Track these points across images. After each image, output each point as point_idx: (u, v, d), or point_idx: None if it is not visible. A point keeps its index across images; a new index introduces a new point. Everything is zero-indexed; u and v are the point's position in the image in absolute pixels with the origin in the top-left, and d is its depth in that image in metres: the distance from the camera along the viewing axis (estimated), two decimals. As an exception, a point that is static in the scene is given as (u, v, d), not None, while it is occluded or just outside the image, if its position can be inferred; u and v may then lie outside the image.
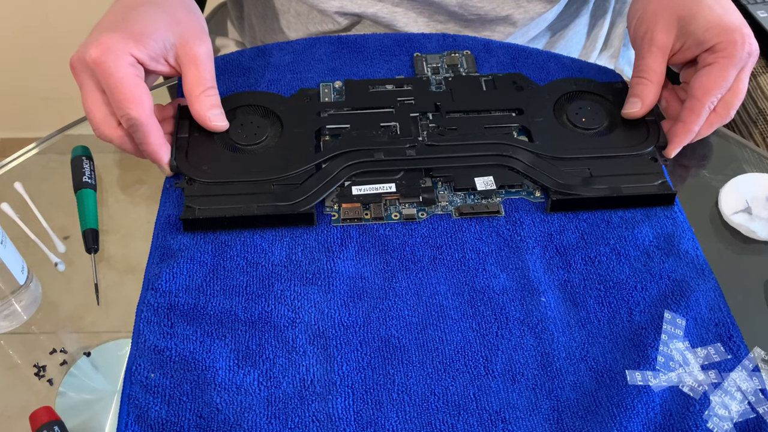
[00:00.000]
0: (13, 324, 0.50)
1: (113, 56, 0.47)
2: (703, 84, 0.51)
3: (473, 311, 0.47)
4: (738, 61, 0.50)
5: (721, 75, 0.50)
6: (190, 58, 0.51)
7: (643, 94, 0.53)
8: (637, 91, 0.54)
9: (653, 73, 0.53)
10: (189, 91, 0.51)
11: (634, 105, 0.54)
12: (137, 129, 0.49)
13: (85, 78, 0.49)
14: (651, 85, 0.53)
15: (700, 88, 0.51)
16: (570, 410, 0.43)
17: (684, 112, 0.52)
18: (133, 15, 0.51)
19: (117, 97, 0.47)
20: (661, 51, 0.53)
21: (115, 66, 0.47)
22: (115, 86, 0.47)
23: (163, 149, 0.51)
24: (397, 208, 0.52)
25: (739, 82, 0.51)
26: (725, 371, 0.44)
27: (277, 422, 0.42)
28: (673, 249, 0.50)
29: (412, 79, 0.60)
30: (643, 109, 0.54)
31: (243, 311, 0.46)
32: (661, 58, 0.53)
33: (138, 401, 0.43)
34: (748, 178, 0.56)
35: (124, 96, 0.47)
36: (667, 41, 0.53)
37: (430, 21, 0.70)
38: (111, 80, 0.47)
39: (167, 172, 0.52)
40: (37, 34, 1.34)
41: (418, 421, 0.42)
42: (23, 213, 0.56)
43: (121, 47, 0.48)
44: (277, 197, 0.50)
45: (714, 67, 0.51)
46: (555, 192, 0.51)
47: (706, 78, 0.51)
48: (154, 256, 0.49)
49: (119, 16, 0.51)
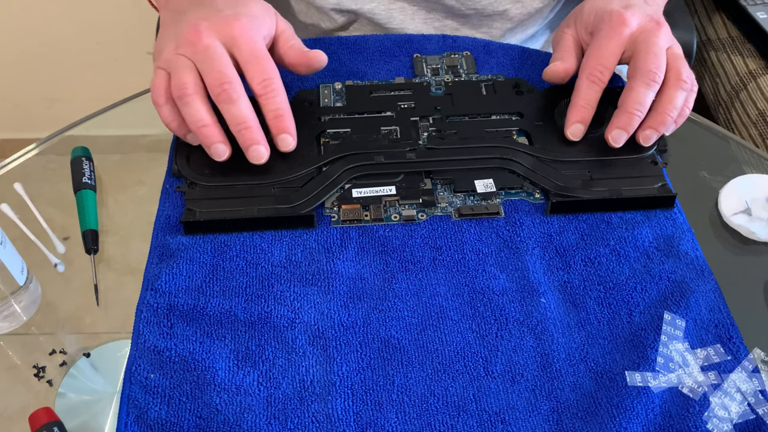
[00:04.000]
0: (12, 325, 0.50)
1: (254, 30, 0.51)
2: (583, 62, 0.55)
3: (473, 312, 0.47)
4: (613, 34, 0.53)
5: (593, 51, 0.54)
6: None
7: (557, 60, 0.57)
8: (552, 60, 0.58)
9: (564, 50, 0.58)
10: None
11: (551, 66, 0.57)
12: (276, 91, 0.50)
13: (197, 53, 0.50)
14: (562, 51, 0.58)
15: (582, 66, 0.54)
16: (570, 411, 0.43)
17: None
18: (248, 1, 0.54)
19: (261, 63, 0.50)
20: (570, 34, 0.58)
21: (258, 37, 0.51)
22: (260, 54, 0.50)
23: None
24: (396, 210, 0.52)
25: (649, 47, 0.52)
26: (725, 372, 0.44)
27: (277, 423, 0.42)
28: (673, 250, 0.50)
29: (413, 84, 0.60)
30: (552, 69, 0.57)
31: (243, 312, 0.46)
32: (570, 35, 0.58)
33: (138, 402, 0.43)
34: (747, 179, 0.56)
35: (267, 62, 0.50)
36: (572, 32, 0.58)
37: (427, 17, 0.70)
38: (255, 48, 0.50)
39: (254, 140, 0.50)
40: (37, 34, 1.35)
41: (417, 422, 0.42)
42: (23, 214, 0.56)
43: (257, 23, 0.52)
44: (277, 200, 0.50)
45: (591, 46, 0.54)
46: (555, 194, 0.51)
47: (585, 56, 0.55)
48: (153, 256, 0.49)
49: (234, 2, 0.53)
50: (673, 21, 0.81)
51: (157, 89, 0.50)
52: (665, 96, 0.52)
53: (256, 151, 0.50)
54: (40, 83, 1.43)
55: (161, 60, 0.51)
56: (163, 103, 0.50)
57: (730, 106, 0.95)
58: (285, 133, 0.51)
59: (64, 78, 1.42)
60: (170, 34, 0.52)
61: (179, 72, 0.49)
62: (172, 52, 0.50)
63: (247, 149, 0.50)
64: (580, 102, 0.53)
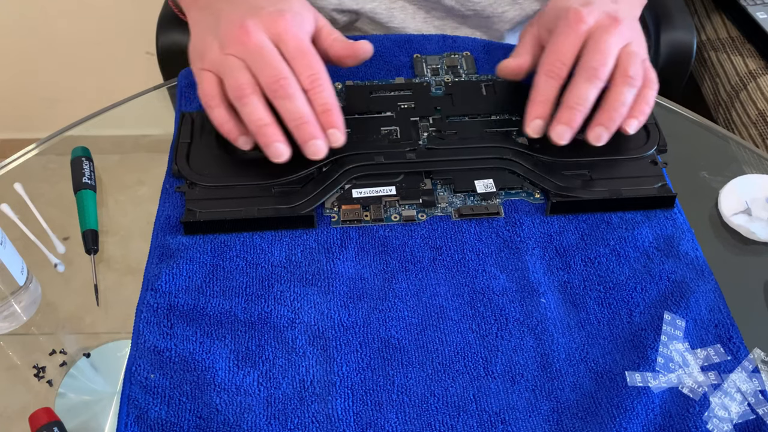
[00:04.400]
0: (12, 325, 0.50)
1: (299, 26, 0.51)
2: (541, 59, 0.54)
3: (473, 312, 0.47)
4: (570, 31, 0.53)
5: (550, 48, 0.53)
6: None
7: (515, 54, 0.57)
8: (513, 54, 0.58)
9: (522, 46, 0.58)
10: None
11: (503, 62, 0.57)
12: (323, 86, 0.50)
13: (246, 51, 0.49)
14: (520, 47, 0.57)
15: (540, 63, 0.54)
16: (570, 411, 0.43)
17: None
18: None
19: (308, 58, 0.50)
20: (532, 32, 0.58)
21: (303, 32, 0.51)
22: (307, 49, 0.50)
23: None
24: (396, 210, 0.52)
25: (596, 43, 0.52)
26: (725, 372, 0.44)
27: (277, 423, 0.42)
28: (673, 250, 0.50)
29: (413, 84, 0.60)
30: (505, 64, 0.57)
31: (243, 312, 0.46)
32: (532, 33, 0.57)
33: (138, 402, 0.43)
34: (747, 179, 0.56)
35: (314, 57, 0.50)
36: (534, 30, 0.58)
37: (427, 17, 0.71)
38: (302, 44, 0.50)
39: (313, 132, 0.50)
40: (37, 34, 1.35)
41: (417, 422, 0.42)
42: (23, 214, 0.56)
43: (301, 19, 0.52)
44: (277, 200, 0.51)
45: (548, 43, 0.54)
46: (555, 195, 0.51)
47: (543, 53, 0.54)
48: (153, 256, 0.49)
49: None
50: (673, 21, 0.82)
51: (209, 92, 0.50)
52: (610, 93, 0.52)
53: (314, 146, 0.50)
54: (40, 83, 1.43)
55: (206, 61, 0.51)
56: (216, 105, 0.50)
57: (730, 106, 0.95)
58: (334, 127, 0.50)
59: (64, 78, 1.42)
60: (210, 34, 0.52)
61: (234, 73, 0.49)
62: (218, 52, 0.50)
63: (306, 143, 0.50)
64: (538, 98, 0.53)
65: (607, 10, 0.53)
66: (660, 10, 0.83)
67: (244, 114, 0.49)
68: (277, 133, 0.50)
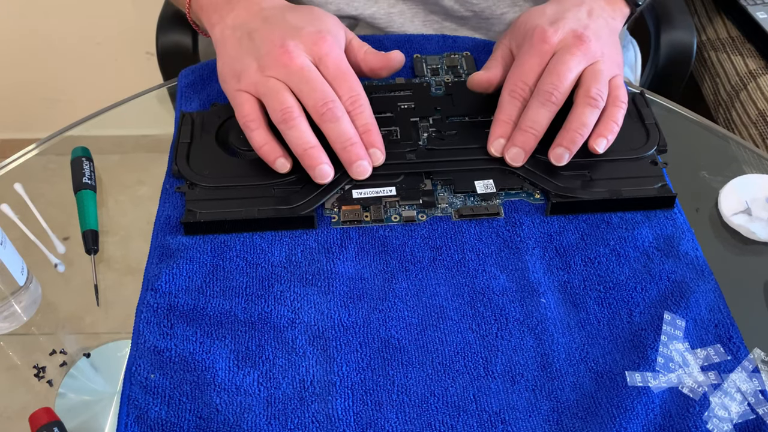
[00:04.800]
0: (12, 325, 0.50)
1: (338, 47, 0.52)
2: (506, 78, 0.54)
3: (473, 312, 0.47)
4: (533, 51, 0.53)
5: (514, 67, 0.54)
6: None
7: (486, 67, 0.57)
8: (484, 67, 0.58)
9: (494, 59, 0.57)
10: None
11: (474, 75, 0.57)
12: (363, 106, 0.51)
13: (288, 74, 0.50)
14: (491, 60, 0.57)
15: (504, 82, 0.54)
16: (570, 411, 0.43)
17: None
18: (317, 14, 0.54)
19: (349, 80, 0.51)
20: (505, 44, 0.57)
21: (342, 53, 0.52)
22: (347, 70, 0.51)
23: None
24: (396, 210, 0.52)
25: (553, 65, 0.52)
26: (725, 372, 0.44)
27: (277, 423, 0.42)
28: (673, 250, 0.50)
29: (413, 84, 0.60)
30: (475, 77, 0.56)
31: (243, 312, 0.46)
32: (505, 45, 0.57)
33: (138, 402, 0.43)
34: (747, 179, 0.56)
35: (354, 78, 0.51)
36: (507, 42, 0.58)
37: (426, 19, 0.71)
38: (342, 65, 0.51)
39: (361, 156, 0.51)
40: (37, 34, 1.35)
41: (417, 422, 0.42)
42: (23, 214, 0.56)
43: (337, 39, 0.52)
44: (277, 201, 0.51)
45: (514, 62, 0.55)
46: (555, 195, 0.51)
47: (509, 73, 0.54)
48: (153, 256, 0.49)
49: (307, 17, 0.53)
50: (673, 21, 0.82)
51: (249, 114, 0.51)
52: (572, 114, 0.52)
53: (361, 167, 0.51)
54: (40, 83, 1.43)
55: (244, 83, 0.51)
56: (257, 127, 0.51)
57: (730, 106, 0.95)
58: (375, 147, 0.51)
59: (64, 78, 1.42)
60: (248, 55, 0.51)
61: (278, 95, 0.49)
62: (258, 74, 0.50)
63: (352, 165, 0.51)
64: (502, 117, 0.53)
65: (575, 27, 0.53)
66: (660, 10, 0.83)
67: (290, 137, 0.50)
68: (324, 155, 0.50)
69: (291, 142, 0.50)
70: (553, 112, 0.52)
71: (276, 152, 0.51)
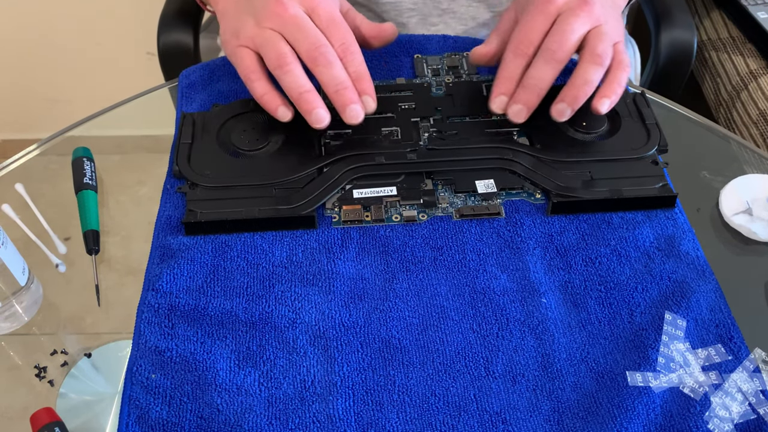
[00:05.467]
0: (14, 325, 0.50)
1: (329, 1, 0.53)
2: (510, 38, 0.55)
3: (474, 312, 0.47)
4: (538, 11, 0.53)
5: (519, 27, 0.54)
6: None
7: (487, 41, 0.58)
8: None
9: (496, 32, 0.58)
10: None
11: (474, 49, 0.58)
12: (355, 54, 0.52)
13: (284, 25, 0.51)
14: (493, 32, 0.58)
15: (509, 42, 0.55)
16: (570, 411, 0.43)
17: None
18: None
19: (341, 29, 0.52)
20: (508, 17, 0.58)
21: (335, 5, 0.53)
22: (339, 20, 0.52)
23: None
24: (397, 210, 0.52)
25: (558, 25, 0.53)
26: (726, 372, 0.44)
27: (278, 423, 0.42)
28: (674, 250, 0.50)
29: (413, 84, 0.60)
30: (475, 50, 0.57)
31: (243, 312, 0.46)
32: (508, 18, 0.58)
33: (139, 402, 0.43)
34: (748, 179, 0.56)
35: (346, 27, 0.52)
36: (510, 14, 0.58)
37: None
38: (334, 14, 0.52)
39: (354, 102, 0.52)
40: (38, 35, 1.35)
41: (418, 422, 0.42)
42: (24, 214, 0.56)
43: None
44: (278, 201, 0.51)
45: (518, 23, 0.55)
46: (556, 195, 0.51)
47: (513, 33, 0.55)
48: (154, 257, 0.49)
49: None
50: (674, 20, 0.81)
51: (248, 66, 0.52)
52: (576, 71, 0.52)
53: (353, 110, 0.51)
54: (41, 84, 1.43)
55: (243, 38, 0.52)
56: (257, 78, 0.52)
57: (731, 105, 0.95)
58: (366, 94, 0.52)
59: (65, 79, 1.42)
60: (244, 13, 0.53)
61: (273, 44, 0.51)
62: (254, 27, 0.52)
63: (345, 108, 0.51)
64: (505, 74, 0.54)
65: None
66: (660, 9, 0.83)
67: (285, 82, 0.51)
68: (318, 99, 0.51)
69: (286, 87, 0.51)
70: (557, 70, 0.52)
71: (276, 101, 0.53)
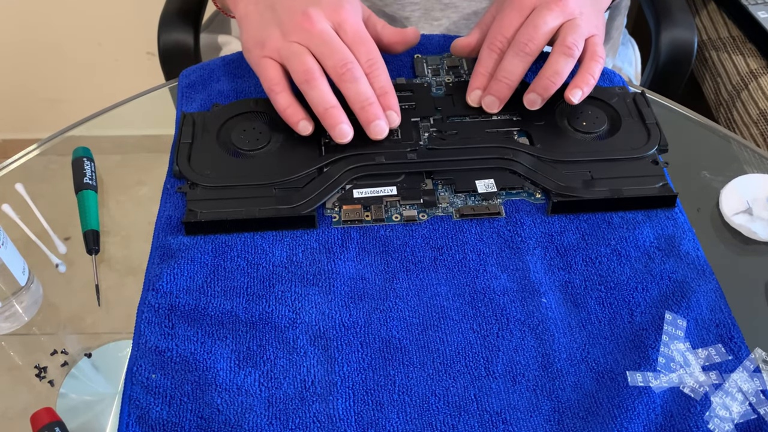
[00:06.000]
0: (14, 325, 0.50)
1: (356, 14, 0.54)
2: (487, 33, 0.57)
3: (474, 312, 0.47)
4: (513, 7, 0.55)
5: (495, 23, 0.56)
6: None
7: (469, 33, 0.60)
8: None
9: (477, 25, 0.60)
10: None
11: (455, 41, 0.60)
12: (380, 69, 0.53)
13: (310, 38, 0.52)
14: (475, 26, 0.60)
15: (486, 38, 0.57)
16: (571, 411, 0.43)
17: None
18: None
19: (367, 44, 0.53)
20: (491, 12, 0.59)
21: (360, 20, 0.54)
22: (365, 35, 0.53)
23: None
24: (397, 210, 0.52)
25: (530, 19, 0.54)
26: (726, 372, 0.44)
27: (278, 423, 0.42)
28: (674, 250, 0.50)
29: (413, 84, 0.60)
30: (455, 42, 0.60)
31: (244, 312, 0.46)
32: (490, 13, 0.59)
33: (139, 402, 0.43)
34: (748, 179, 0.56)
35: (372, 43, 0.53)
36: (493, 9, 0.59)
37: None
38: (360, 30, 0.53)
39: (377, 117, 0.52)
40: (38, 35, 1.35)
41: (418, 422, 0.42)
42: (24, 214, 0.56)
43: (356, 8, 0.55)
44: (278, 200, 0.51)
45: (495, 19, 0.57)
46: (556, 194, 0.51)
47: (489, 29, 0.57)
48: (154, 257, 0.49)
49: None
50: (674, 19, 0.81)
51: (272, 77, 0.53)
52: (547, 63, 0.54)
53: (378, 126, 0.52)
54: (42, 84, 1.43)
55: (268, 49, 0.53)
56: (281, 90, 0.53)
57: (731, 105, 0.95)
58: (391, 109, 0.53)
59: (65, 78, 1.43)
60: (270, 24, 0.53)
61: (299, 58, 0.51)
62: (280, 40, 0.52)
63: (370, 124, 0.52)
64: (480, 69, 0.56)
65: None
66: (660, 9, 0.83)
67: (311, 97, 0.51)
68: (343, 114, 0.52)
69: (312, 101, 0.52)
70: (527, 63, 0.54)
71: (299, 114, 0.53)
